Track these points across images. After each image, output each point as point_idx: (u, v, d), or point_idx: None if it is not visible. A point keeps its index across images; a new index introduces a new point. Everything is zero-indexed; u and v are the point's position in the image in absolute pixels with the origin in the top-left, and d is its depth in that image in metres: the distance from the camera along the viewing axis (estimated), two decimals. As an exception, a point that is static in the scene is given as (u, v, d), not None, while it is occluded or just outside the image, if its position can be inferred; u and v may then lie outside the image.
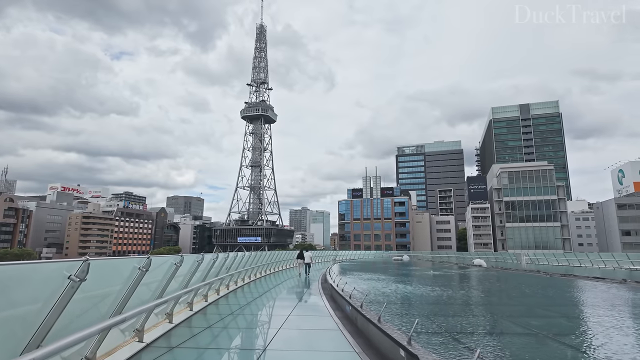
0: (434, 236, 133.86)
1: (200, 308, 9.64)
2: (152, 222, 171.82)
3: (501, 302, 13.68)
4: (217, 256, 10.34)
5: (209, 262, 9.72)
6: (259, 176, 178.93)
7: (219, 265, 11.23)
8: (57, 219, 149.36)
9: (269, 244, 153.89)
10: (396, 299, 12.72)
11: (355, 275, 23.74)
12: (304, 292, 14.61)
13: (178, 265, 6.89)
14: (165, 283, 6.73)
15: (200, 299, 10.62)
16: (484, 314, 10.69)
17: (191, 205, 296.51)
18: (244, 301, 12.23)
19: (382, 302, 11.13)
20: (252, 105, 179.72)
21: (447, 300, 12.89)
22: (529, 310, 11.01)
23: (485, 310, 11.43)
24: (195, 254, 10.49)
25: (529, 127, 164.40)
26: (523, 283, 19.90)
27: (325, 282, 18.43)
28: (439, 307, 11.51)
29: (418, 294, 14.64)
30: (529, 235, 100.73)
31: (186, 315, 8.56)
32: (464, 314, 10.36)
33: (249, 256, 16.98)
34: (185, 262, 7.22)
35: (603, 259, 36.01)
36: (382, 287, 16.86)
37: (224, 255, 11.40)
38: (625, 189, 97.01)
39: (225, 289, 13.69)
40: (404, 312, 10.46)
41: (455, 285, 19.36)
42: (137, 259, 5.34)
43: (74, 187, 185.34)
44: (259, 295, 14.00)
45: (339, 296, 11.39)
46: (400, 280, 20.13)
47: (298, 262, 23.09)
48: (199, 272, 8.84)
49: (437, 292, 15.17)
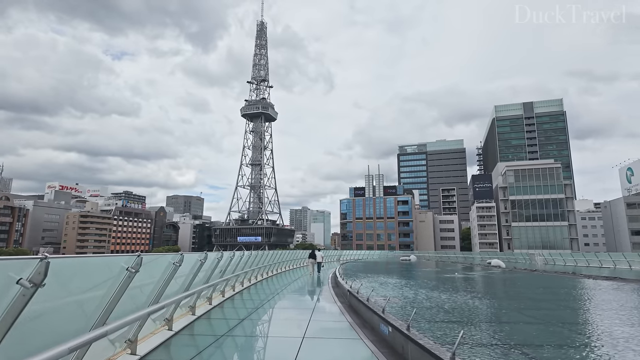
0: (437, 236, 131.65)
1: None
2: (151, 222, 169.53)
3: (589, 318, 9.90)
4: (222, 254, 9.33)
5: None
6: (259, 175, 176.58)
7: (224, 265, 10.28)
8: (55, 218, 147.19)
9: (269, 244, 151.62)
10: (438, 313, 9.73)
11: (368, 277, 21.48)
12: (316, 302, 12.36)
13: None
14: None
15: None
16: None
17: (191, 204, 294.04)
18: (247, 310, 10.15)
19: (428, 319, 8.95)
20: (252, 103, 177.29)
21: (520, 319, 9.29)
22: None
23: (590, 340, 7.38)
24: (196, 253, 9.01)
25: (532, 126, 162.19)
26: (567, 286, 17.75)
27: (337, 286, 16.20)
28: (515, 328, 8.13)
29: (461, 304, 11.46)
30: (535, 234, 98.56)
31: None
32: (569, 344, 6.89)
33: (255, 255, 15.73)
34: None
35: (628, 259, 33.84)
36: (409, 294, 14.01)
37: (229, 254, 10.43)
38: (635, 187, 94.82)
39: (231, 290, 12.74)
40: (468, 335, 7.24)
41: (497, 292, 16.50)
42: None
43: (72, 186, 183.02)
44: (260, 308, 11.91)
45: (362, 307, 9.07)
46: (425, 285, 17.31)
47: (310, 261, 23.10)
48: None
49: (486, 303, 12.03)
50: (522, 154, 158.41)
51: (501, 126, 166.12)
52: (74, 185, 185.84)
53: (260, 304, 11.38)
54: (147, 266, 4.89)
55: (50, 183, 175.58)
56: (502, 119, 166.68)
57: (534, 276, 24.12)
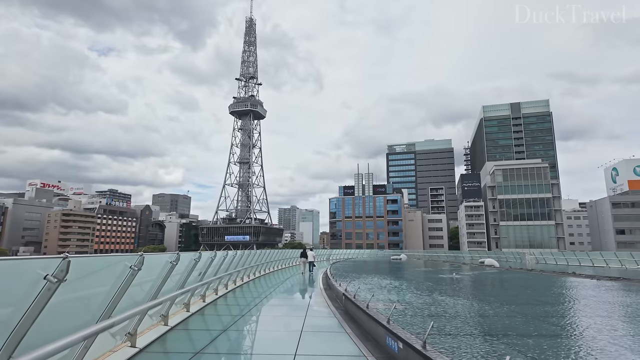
0: (426, 235, 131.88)
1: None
2: (137, 220, 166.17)
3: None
4: (215, 254, 9.75)
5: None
6: (247, 173, 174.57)
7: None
8: (36, 216, 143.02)
9: (257, 243, 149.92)
10: (453, 322, 8.37)
11: (362, 279, 20.47)
12: (308, 306, 11.32)
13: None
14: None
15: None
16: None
17: (178, 203, 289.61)
18: (231, 318, 9.14)
19: (442, 330, 8.06)
20: (240, 100, 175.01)
21: (560, 330, 7.83)
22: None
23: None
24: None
25: (519, 126, 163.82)
26: (582, 288, 17.09)
27: (329, 288, 15.18)
28: (560, 344, 6.76)
29: (477, 311, 9.99)
30: (523, 233, 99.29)
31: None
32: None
33: (248, 254, 15.79)
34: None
35: (619, 258, 33.74)
36: (411, 298, 12.52)
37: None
38: (620, 187, 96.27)
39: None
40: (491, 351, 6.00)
41: (509, 295, 15.07)
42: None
43: (54, 183, 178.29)
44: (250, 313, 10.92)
45: (362, 314, 8.06)
46: (426, 287, 16.09)
47: (302, 260, 23.02)
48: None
49: (506, 310, 10.35)
50: (509, 154, 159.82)
51: (489, 126, 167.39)
52: (56, 182, 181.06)
53: (246, 310, 10.36)
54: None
55: (31, 180, 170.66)
56: (490, 119, 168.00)
57: (534, 277, 23.48)
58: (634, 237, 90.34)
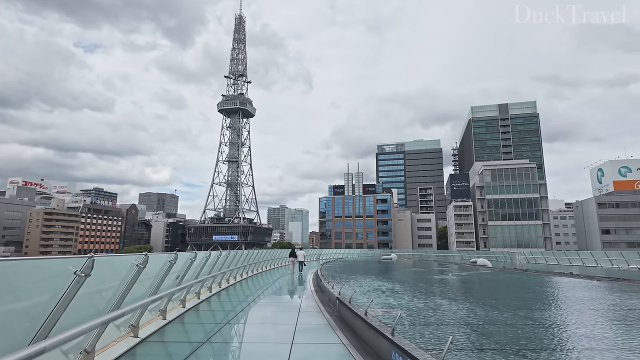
0: (415, 234, 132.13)
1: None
2: (122, 220, 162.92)
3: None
4: (210, 254, 10.27)
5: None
6: (236, 172, 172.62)
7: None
8: (17, 215, 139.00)
9: (246, 243, 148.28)
10: (468, 334, 6.94)
11: (354, 280, 19.47)
12: (299, 311, 10.42)
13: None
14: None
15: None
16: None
17: (165, 202, 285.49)
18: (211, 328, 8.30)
19: (457, 344, 7.27)
20: (229, 98, 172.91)
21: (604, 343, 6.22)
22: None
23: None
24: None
25: (507, 127, 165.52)
26: (590, 289, 16.57)
27: (320, 290, 14.34)
28: None
29: (492, 319, 8.53)
30: (511, 233, 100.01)
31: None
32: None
33: (240, 254, 16.12)
34: (151, 262, 6.45)
35: (610, 258, 33.69)
36: (411, 303, 10.86)
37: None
38: (605, 187, 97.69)
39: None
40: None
41: (517, 299, 12.98)
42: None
43: (37, 181, 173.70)
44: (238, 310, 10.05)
45: (360, 322, 7.18)
46: (424, 290, 14.84)
47: (291, 260, 23.19)
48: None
49: (514, 316, 9.02)
50: (497, 154, 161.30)
51: (477, 127, 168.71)
52: (39, 181, 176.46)
53: (231, 316, 9.48)
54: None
55: (12, 178, 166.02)
56: (478, 120, 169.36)
57: (531, 277, 22.84)
58: (618, 237, 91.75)
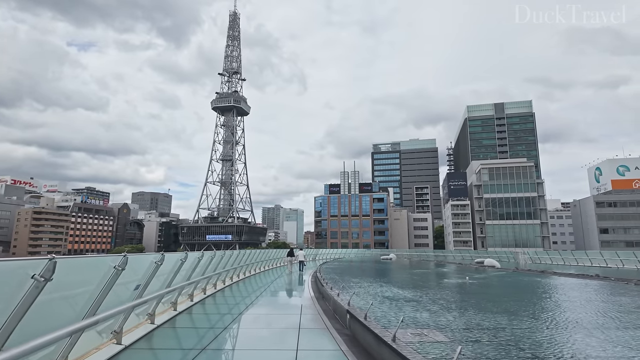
0: (412, 234, 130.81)
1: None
2: (114, 219, 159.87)
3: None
4: (203, 254, 9.61)
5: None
6: (230, 171, 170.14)
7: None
8: (5, 214, 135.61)
9: (240, 243, 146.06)
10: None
11: (359, 284, 16.84)
12: (300, 321, 8.55)
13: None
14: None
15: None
16: None
17: (158, 201, 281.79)
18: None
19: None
20: (223, 96, 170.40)
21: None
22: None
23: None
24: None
25: (503, 126, 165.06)
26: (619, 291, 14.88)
27: (322, 297, 12.25)
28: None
29: (542, 337, 6.85)
30: (508, 232, 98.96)
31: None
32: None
33: (236, 255, 15.47)
34: (130, 263, 5.46)
35: (621, 258, 32.32)
36: (439, 318, 8.62)
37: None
38: (603, 186, 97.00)
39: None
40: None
41: (560, 309, 10.73)
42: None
43: (26, 180, 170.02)
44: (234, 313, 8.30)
45: (389, 352, 5.10)
46: (446, 299, 12.24)
47: (288, 259, 23.19)
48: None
49: (587, 336, 6.89)
50: (493, 153, 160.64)
51: (473, 126, 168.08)
52: (28, 179, 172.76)
53: (220, 326, 7.72)
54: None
55: (0, 177, 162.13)
56: (474, 119, 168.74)
57: (559, 279, 21.06)
58: (617, 236, 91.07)
